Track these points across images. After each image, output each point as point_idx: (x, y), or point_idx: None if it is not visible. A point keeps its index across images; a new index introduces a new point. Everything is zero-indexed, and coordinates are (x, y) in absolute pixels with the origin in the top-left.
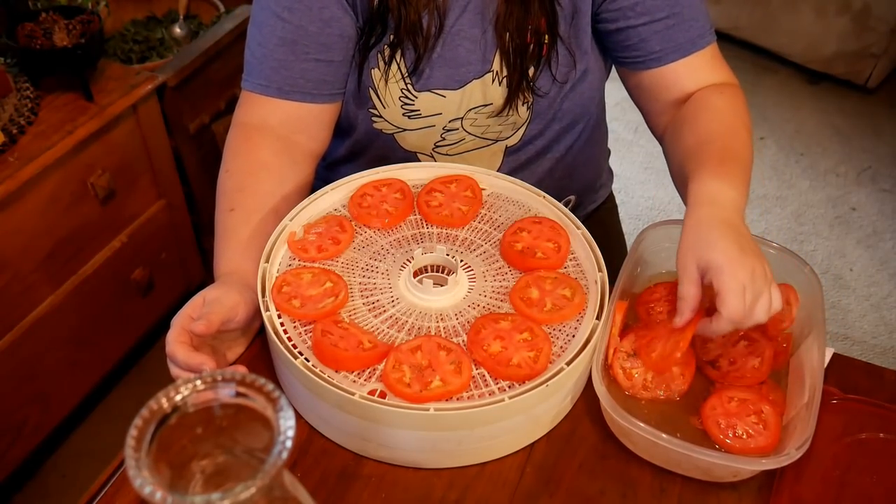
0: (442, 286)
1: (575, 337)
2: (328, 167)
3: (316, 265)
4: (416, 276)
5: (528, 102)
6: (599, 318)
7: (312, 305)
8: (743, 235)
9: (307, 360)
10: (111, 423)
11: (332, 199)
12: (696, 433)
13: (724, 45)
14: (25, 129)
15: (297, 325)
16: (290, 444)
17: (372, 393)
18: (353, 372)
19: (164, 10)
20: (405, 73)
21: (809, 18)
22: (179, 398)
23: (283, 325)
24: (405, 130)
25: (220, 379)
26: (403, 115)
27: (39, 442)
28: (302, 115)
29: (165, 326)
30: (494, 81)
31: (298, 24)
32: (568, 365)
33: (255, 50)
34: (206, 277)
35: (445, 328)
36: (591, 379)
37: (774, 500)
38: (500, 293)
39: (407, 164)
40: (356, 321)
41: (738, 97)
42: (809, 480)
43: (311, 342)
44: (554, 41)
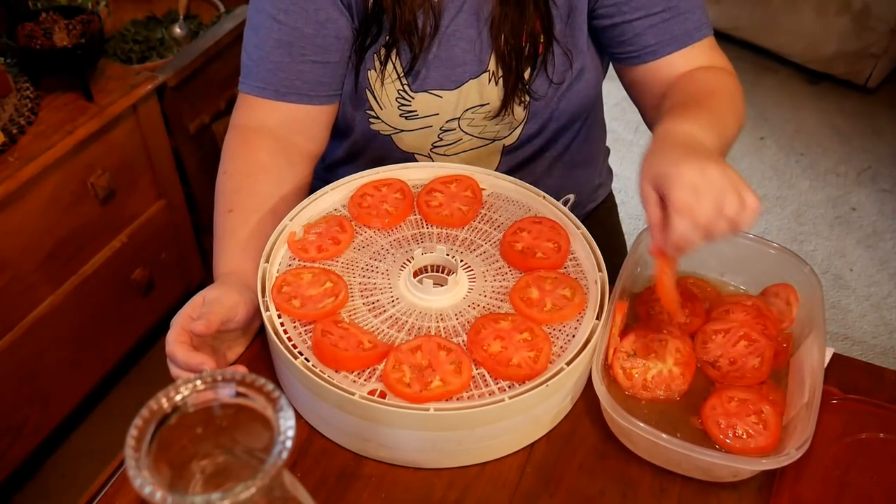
0: (442, 286)
1: (575, 337)
2: (327, 168)
3: (316, 265)
4: (416, 276)
5: (524, 103)
6: (599, 318)
7: (312, 305)
8: (701, 149)
9: (307, 360)
10: (111, 423)
11: (332, 199)
12: (696, 433)
13: (724, 45)
14: (25, 129)
15: (297, 325)
16: (290, 444)
17: (372, 393)
18: (353, 372)
19: (164, 10)
20: (401, 73)
21: (809, 18)
22: (179, 398)
23: (283, 325)
24: (402, 131)
25: (220, 379)
26: (400, 115)
27: (39, 442)
28: (299, 116)
29: (165, 326)
30: (491, 81)
31: (294, 25)
32: (568, 365)
33: (251, 52)
34: (205, 277)
35: (445, 328)
36: (591, 379)
37: (774, 500)
38: (500, 293)
39: (407, 164)
40: (356, 321)
41: (729, 77)
42: (809, 480)
43: (311, 342)
44: (549, 43)
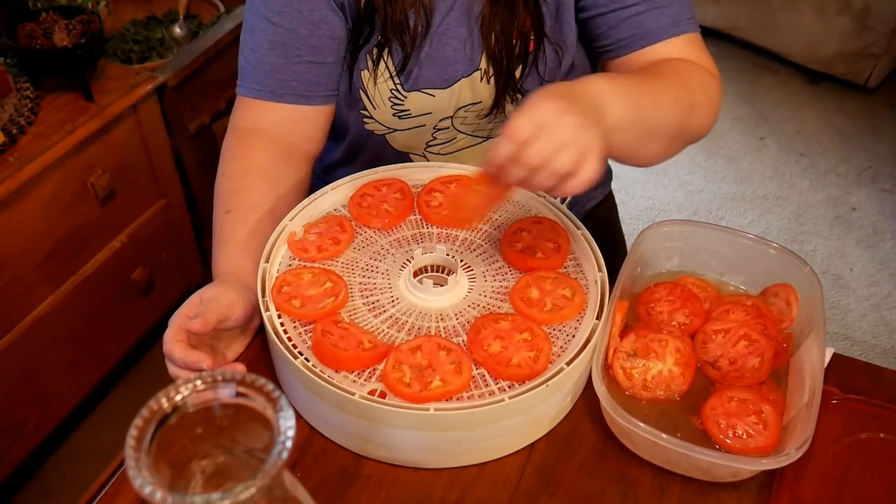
0: (442, 286)
1: (575, 337)
2: (325, 170)
3: (316, 265)
4: (416, 276)
5: (516, 101)
6: (599, 318)
7: (312, 305)
8: (590, 104)
9: (307, 360)
10: (111, 423)
11: (332, 199)
12: (696, 433)
13: (724, 44)
14: (25, 129)
15: (297, 325)
16: (290, 444)
17: (372, 393)
18: (353, 372)
19: (164, 10)
20: (393, 72)
21: (809, 18)
22: (179, 398)
23: (283, 325)
24: (396, 131)
25: (219, 379)
26: (394, 115)
27: (39, 442)
28: (296, 117)
29: (165, 326)
30: (483, 80)
31: (289, 27)
32: (568, 365)
33: (247, 55)
34: (205, 277)
35: (445, 328)
36: (591, 379)
37: (774, 500)
38: (500, 293)
39: (407, 164)
40: (356, 321)
41: (697, 70)
42: (809, 480)
43: (311, 342)
44: (540, 40)
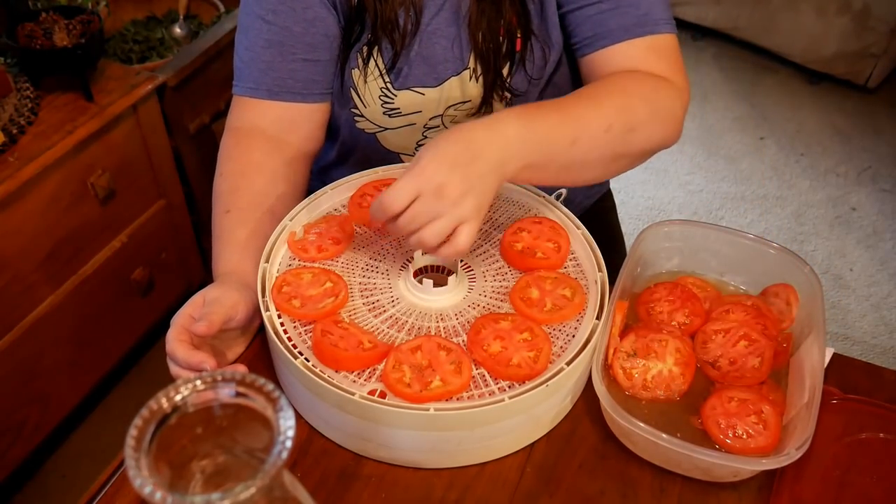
0: (442, 286)
1: (575, 337)
2: (320, 172)
3: (316, 265)
4: (416, 276)
5: (505, 99)
6: (599, 318)
7: (312, 305)
8: (477, 159)
9: (307, 360)
10: (111, 423)
11: (332, 199)
12: (696, 433)
13: (724, 44)
14: (25, 129)
15: (297, 325)
16: (290, 444)
17: (372, 393)
18: (353, 372)
19: (164, 10)
20: (383, 70)
21: (809, 18)
22: (179, 398)
23: (283, 325)
24: (387, 129)
25: (220, 379)
26: (384, 113)
27: (39, 442)
28: (293, 115)
29: (165, 326)
30: (472, 79)
31: (283, 25)
32: (568, 365)
33: (242, 55)
34: (205, 277)
35: (445, 328)
36: (591, 379)
37: (774, 500)
38: (500, 293)
39: (407, 164)
40: (356, 321)
41: (648, 85)
42: (809, 480)
43: (311, 342)
44: (527, 38)
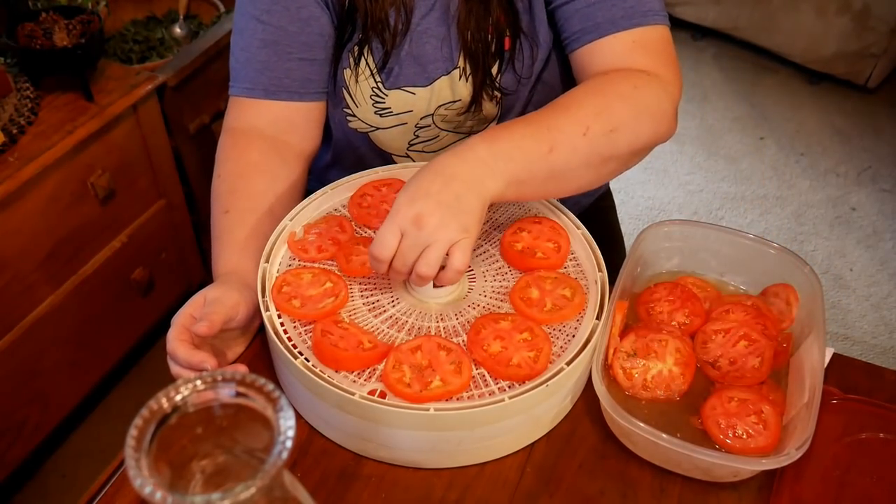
0: (442, 286)
1: (575, 337)
2: (317, 173)
3: (316, 265)
4: None
5: (495, 98)
6: (599, 318)
7: (312, 305)
8: (450, 182)
9: (307, 360)
10: (111, 423)
11: (332, 199)
12: (696, 433)
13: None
14: (25, 129)
15: (297, 325)
16: (290, 444)
17: (372, 393)
18: (353, 372)
19: (164, 10)
20: (374, 70)
21: (809, 18)
22: (179, 398)
23: (283, 325)
24: (378, 129)
25: (220, 379)
26: (375, 112)
27: (39, 442)
28: (289, 114)
29: (165, 326)
30: (462, 78)
31: (278, 25)
32: (568, 365)
33: (238, 55)
34: (205, 277)
35: (445, 328)
36: (591, 379)
37: (774, 500)
38: (500, 293)
39: (407, 164)
40: (356, 321)
41: (629, 83)
42: (809, 480)
43: (311, 342)
44: (516, 36)
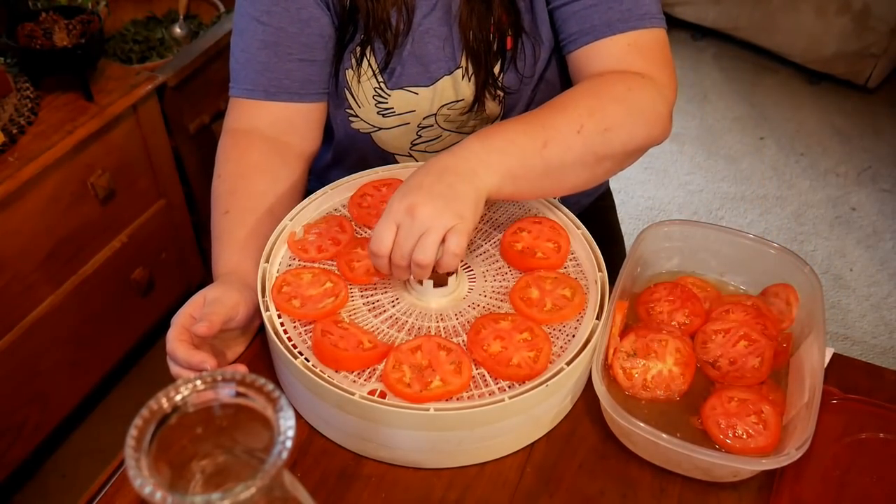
0: (442, 286)
1: (575, 337)
2: (317, 173)
3: (316, 265)
4: None
5: (498, 98)
6: (599, 318)
7: (312, 305)
8: (443, 174)
9: (307, 360)
10: (111, 423)
11: (332, 199)
12: (696, 433)
13: (724, 44)
14: (25, 129)
15: (297, 325)
16: (290, 444)
17: (372, 393)
18: (353, 372)
19: (164, 10)
20: (376, 70)
21: (809, 18)
22: (179, 398)
23: (283, 325)
24: (381, 129)
25: (220, 379)
26: (378, 113)
27: (39, 442)
28: (290, 115)
29: (165, 326)
30: (464, 77)
31: (278, 25)
32: (568, 365)
33: (238, 56)
34: (205, 277)
35: (445, 328)
36: (591, 379)
37: (774, 500)
38: (500, 293)
39: (407, 164)
40: (356, 321)
41: (623, 85)
42: (809, 480)
43: (311, 342)
44: (518, 35)
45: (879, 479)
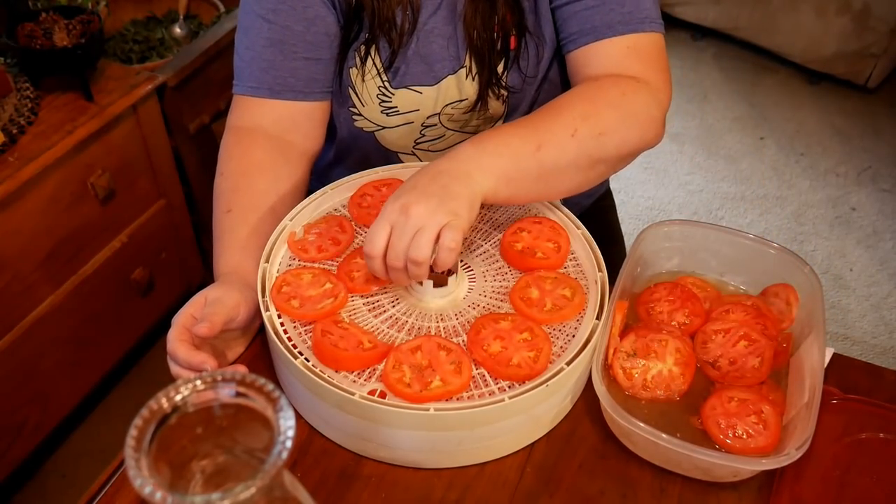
0: (442, 286)
1: (575, 337)
2: (319, 172)
3: (316, 265)
4: None
5: (501, 97)
6: (599, 318)
7: (312, 306)
8: (437, 177)
9: (307, 360)
10: (111, 423)
11: (332, 199)
12: (696, 433)
13: (724, 44)
14: (25, 129)
15: (297, 325)
16: (290, 444)
17: (372, 393)
18: (353, 372)
19: (164, 10)
20: (381, 69)
21: (809, 18)
22: (179, 398)
23: (283, 325)
24: (384, 128)
25: (220, 379)
26: (381, 112)
27: (39, 442)
28: (294, 114)
29: (165, 326)
30: (468, 77)
31: (284, 24)
32: (568, 365)
33: (243, 54)
34: (206, 277)
35: (445, 328)
36: (591, 379)
37: (774, 500)
38: (500, 293)
39: (407, 164)
40: (356, 321)
41: (618, 89)
42: (809, 480)
43: (311, 342)
44: (521, 34)
45: (879, 479)
